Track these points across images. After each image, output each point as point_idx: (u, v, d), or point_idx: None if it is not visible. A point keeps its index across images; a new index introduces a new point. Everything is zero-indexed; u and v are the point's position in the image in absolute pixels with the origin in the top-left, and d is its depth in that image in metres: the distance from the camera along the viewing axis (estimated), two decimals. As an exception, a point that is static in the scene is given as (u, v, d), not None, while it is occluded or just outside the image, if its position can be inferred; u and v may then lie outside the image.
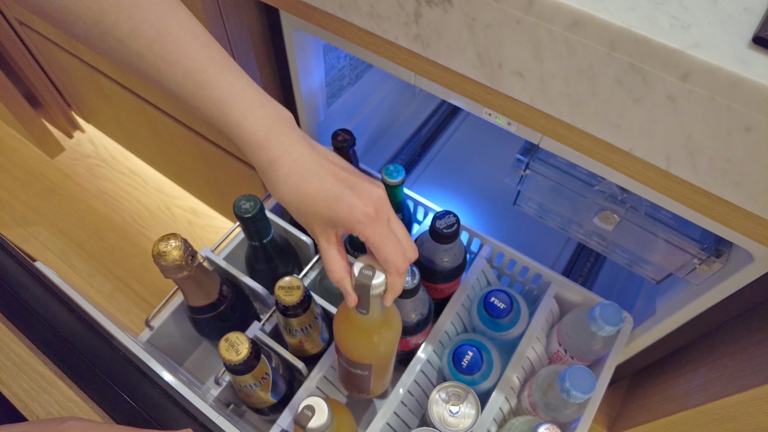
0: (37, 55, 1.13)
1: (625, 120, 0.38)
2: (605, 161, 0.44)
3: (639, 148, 0.39)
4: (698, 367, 0.61)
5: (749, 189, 0.36)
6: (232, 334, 0.51)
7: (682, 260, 0.50)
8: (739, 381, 0.52)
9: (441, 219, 0.59)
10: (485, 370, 0.62)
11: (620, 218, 0.51)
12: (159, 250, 0.52)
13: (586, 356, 0.63)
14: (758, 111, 0.32)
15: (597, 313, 0.58)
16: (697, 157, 0.37)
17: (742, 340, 0.55)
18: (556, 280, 0.67)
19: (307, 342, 0.61)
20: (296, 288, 0.53)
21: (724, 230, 0.44)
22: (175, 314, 0.67)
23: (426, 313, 0.60)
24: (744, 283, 0.49)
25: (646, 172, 0.42)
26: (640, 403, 0.72)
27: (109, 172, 1.52)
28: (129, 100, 0.95)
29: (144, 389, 0.42)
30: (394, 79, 0.90)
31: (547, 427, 0.54)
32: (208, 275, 0.59)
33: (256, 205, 0.56)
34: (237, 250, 0.71)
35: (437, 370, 0.67)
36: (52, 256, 1.37)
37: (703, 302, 0.54)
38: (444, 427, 0.57)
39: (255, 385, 0.55)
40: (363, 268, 0.41)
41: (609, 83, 0.36)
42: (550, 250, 0.86)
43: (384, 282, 0.40)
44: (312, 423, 0.47)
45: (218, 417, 0.43)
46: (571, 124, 0.42)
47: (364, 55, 0.57)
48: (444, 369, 0.64)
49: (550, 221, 0.61)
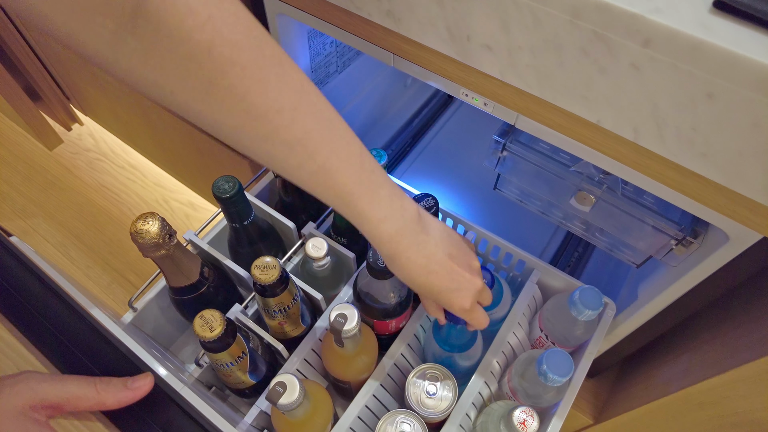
0: (36, 48, 1.15)
1: (592, 91, 0.38)
2: (577, 137, 0.44)
3: (607, 120, 0.39)
4: (681, 353, 0.61)
5: (715, 160, 0.36)
6: (206, 312, 0.51)
7: (660, 241, 0.50)
8: (718, 365, 0.51)
9: (420, 201, 0.59)
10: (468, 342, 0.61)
11: (597, 199, 0.51)
12: (137, 228, 0.52)
13: (568, 342, 0.63)
14: (719, 76, 0.32)
15: (577, 297, 0.57)
16: (663, 128, 0.36)
17: (723, 324, 0.55)
18: (539, 267, 0.67)
19: (287, 324, 0.61)
20: (272, 267, 0.53)
21: (699, 208, 0.43)
22: (159, 297, 0.67)
23: (405, 295, 0.60)
24: (720, 264, 0.48)
25: (617, 147, 0.42)
26: (626, 392, 0.71)
27: (108, 166, 1.54)
28: (124, 90, 0.95)
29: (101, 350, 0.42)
30: (383, 69, 0.91)
31: (523, 410, 0.54)
32: (188, 256, 0.59)
33: (235, 186, 0.57)
34: (222, 235, 0.71)
35: (419, 354, 0.66)
36: (51, 248, 1.38)
37: (683, 285, 0.53)
38: (421, 409, 0.57)
39: (232, 363, 0.55)
40: (338, 315, 0.50)
41: (574, 53, 0.36)
42: (539, 240, 0.85)
43: (353, 329, 0.50)
44: (283, 399, 0.47)
45: (183, 387, 0.43)
46: (542, 99, 0.42)
47: (344, 38, 0.57)
48: (428, 343, 0.63)
49: (531, 205, 0.61)
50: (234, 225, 0.62)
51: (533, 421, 0.53)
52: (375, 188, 0.42)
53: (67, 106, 1.44)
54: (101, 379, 0.36)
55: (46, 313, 0.42)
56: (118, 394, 0.35)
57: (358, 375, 0.59)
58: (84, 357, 0.42)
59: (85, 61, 0.94)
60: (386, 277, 0.55)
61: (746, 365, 0.47)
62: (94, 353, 0.41)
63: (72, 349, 0.40)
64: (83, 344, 0.42)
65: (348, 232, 0.69)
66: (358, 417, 0.59)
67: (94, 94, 1.12)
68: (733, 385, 0.49)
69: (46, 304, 0.43)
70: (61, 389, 0.34)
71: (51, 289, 0.44)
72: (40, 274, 0.45)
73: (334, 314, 0.51)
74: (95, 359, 0.41)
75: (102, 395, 0.35)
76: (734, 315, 0.54)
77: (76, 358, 0.40)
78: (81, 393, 0.35)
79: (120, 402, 0.36)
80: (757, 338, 0.47)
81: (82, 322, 0.43)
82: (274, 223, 0.70)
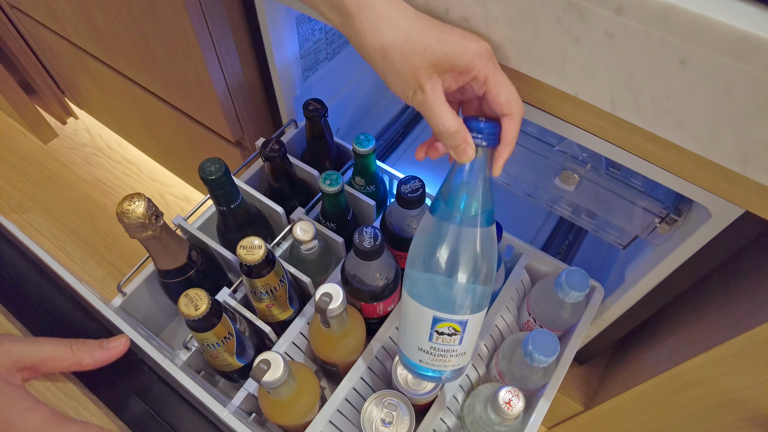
0: (30, 41, 1.15)
1: (568, 62, 0.38)
2: (559, 113, 0.44)
3: (584, 91, 0.39)
4: (668, 336, 0.61)
5: (691, 128, 0.36)
6: (191, 290, 0.52)
7: (643, 220, 0.50)
8: (702, 344, 0.51)
9: (406, 184, 0.59)
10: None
11: (581, 178, 0.51)
12: (122, 208, 0.52)
13: (556, 326, 0.63)
14: (691, 41, 0.32)
15: (563, 279, 0.57)
16: (639, 97, 0.36)
17: (707, 305, 0.55)
18: (527, 251, 0.67)
19: (275, 306, 0.61)
20: (257, 247, 0.54)
21: (680, 183, 0.44)
22: (148, 281, 0.67)
23: (392, 277, 0.60)
24: (704, 242, 0.48)
25: (597, 121, 0.42)
26: (615, 377, 0.71)
27: (104, 160, 1.54)
28: (116, 80, 0.96)
29: (84, 325, 0.42)
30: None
31: (509, 390, 0.54)
32: (175, 238, 0.59)
33: (221, 168, 0.57)
34: (211, 221, 0.71)
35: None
36: (47, 243, 1.38)
37: (668, 265, 0.53)
38: (407, 389, 0.57)
39: (218, 344, 0.55)
40: (323, 294, 0.49)
41: (549, 23, 0.37)
42: (529, 229, 0.85)
43: (338, 308, 0.49)
44: (267, 377, 0.47)
45: (164, 360, 0.43)
46: (521, 73, 0.42)
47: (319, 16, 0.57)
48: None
49: (517, 188, 0.61)
50: (221, 208, 0.62)
51: (518, 401, 0.53)
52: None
53: (62, 100, 1.45)
54: (76, 339, 0.36)
55: (30, 290, 0.42)
56: (94, 354, 0.35)
57: (346, 357, 0.59)
58: (64, 329, 0.42)
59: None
60: (373, 258, 0.55)
61: (728, 342, 0.47)
62: (76, 327, 0.41)
63: (54, 323, 0.40)
64: (67, 320, 0.43)
65: (337, 218, 0.69)
66: (346, 399, 0.59)
67: (88, 86, 1.13)
68: (717, 363, 0.50)
69: (28, 278, 0.43)
70: (36, 350, 0.34)
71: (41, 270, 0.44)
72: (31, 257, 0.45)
73: (319, 293, 0.51)
74: (77, 333, 0.41)
75: (78, 355, 0.35)
76: (717, 295, 0.54)
77: (57, 332, 0.41)
78: (56, 353, 0.35)
79: (96, 361, 0.36)
80: (740, 315, 0.48)
81: (65, 298, 0.43)
82: (263, 208, 0.70)
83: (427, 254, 0.42)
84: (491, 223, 0.42)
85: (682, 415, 0.60)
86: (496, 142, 0.39)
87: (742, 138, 0.34)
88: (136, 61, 0.82)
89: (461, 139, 0.37)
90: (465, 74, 0.35)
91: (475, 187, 0.40)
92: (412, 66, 0.35)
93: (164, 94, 0.86)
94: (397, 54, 0.34)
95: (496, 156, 0.38)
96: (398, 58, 0.35)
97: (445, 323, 0.44)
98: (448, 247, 0.41)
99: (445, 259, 0.41)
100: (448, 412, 0.59)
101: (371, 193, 0.72)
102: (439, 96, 0.36)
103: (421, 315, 0.44)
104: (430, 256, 0.42)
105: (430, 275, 0.43)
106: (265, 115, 0.84)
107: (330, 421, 0.57)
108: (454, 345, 0.45)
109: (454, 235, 0.41)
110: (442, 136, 0.37)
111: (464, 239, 0.41)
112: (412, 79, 0.35)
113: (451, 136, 0.37)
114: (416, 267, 0.44)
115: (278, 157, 0.63)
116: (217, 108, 0.77)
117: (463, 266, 0.41)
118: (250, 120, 0.82)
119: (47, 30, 1.00)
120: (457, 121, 0.36)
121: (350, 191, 0.70)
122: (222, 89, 0.74)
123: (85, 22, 0.84)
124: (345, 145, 0.75)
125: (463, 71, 0.35)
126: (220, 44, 0.70)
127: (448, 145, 0.38)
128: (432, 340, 0.45)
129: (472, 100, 0.42)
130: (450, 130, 0.36)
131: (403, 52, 0.34)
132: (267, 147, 0.63)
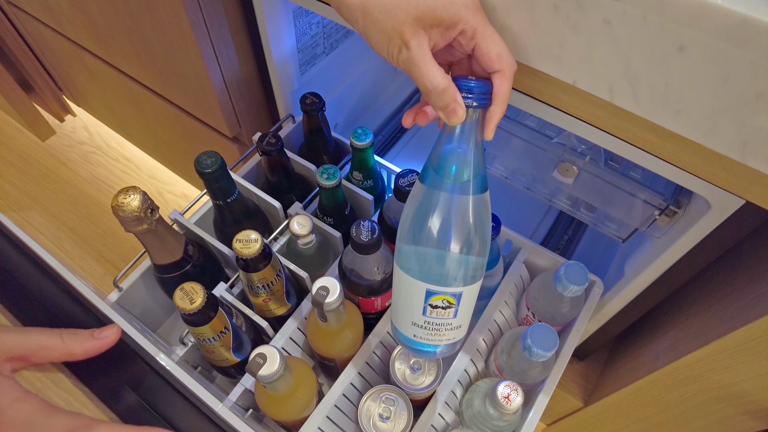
0: (28, 38, 1.15)
1: (565, 50, 0.37)
2: (555, 102, 0.43)
3: (582, 80, 0.39)
4: (668, 330, 0.60)
5: (690, 117, 0.36)
6: (187, 284, 0.51)
7: (643, 212, 0.50)
8: (702, 337, 0.51)
9: (404, 177, 0.58)
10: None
11: (580, 170, 0.51)
12: (117, 202, 0.52)
13: (555, 320, 0.62)
14: (690, 26, 0.31)
15: (562, 272, 0.57)
16: (637, 85, 0.36)
17: (708, 298, 0.54)
18: (526, 246, 0.66)
19: (272, 301, 0.60)
20: (254, 241, 0.53)
21: (680, 174, 0.43)
22: (145, 276, 0.67)
23: (390, 272, 0.59)
24: (704, 234, 0.48)
25: (595, 111, 0.42)
26: (615, 373, 0.71)
27: (103, 158, 1.54)
28: (113, 76, 0.96)
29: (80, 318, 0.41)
30: (372, 53, 0.90)
31: (507, 384, 0.53)
32: (171, 232, 0.59)
33: (217, 161, 0.56)
34: (208, 216, 0.71)
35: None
36: (45, 240, 1.38)
37: (668, 258, 0.53)
38: (405, 385, 0.56)
39: (214, 339, 0.55)
40: (319, 288, 0.49)
41: (547, 11, 0.36)
42: (528, 225, 0.85)
43: (335, 302, 0.48)
44: (263, 370, 0.47)
45: (158, 352, 0.42)
46: (518, 63, 0.41)
47: (328, 13, 0.57)
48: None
49: (516, 182, 0.61)
50: (218, 203, 0.62)
51: (517, 396, 0.53)
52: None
53: (59, 97, 1.45)
54: (67, 330, 0.35)
55: (24, 283, 0.41)
56: (85, 343, 0.35)
57: (343, 352, 0.59)
58: (58, 322, 0.41)
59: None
60: (370, 252, 0.55)
61: (729, 335, 0.47)
62: (70, 320, 0.41)
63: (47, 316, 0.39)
64: (61, 313, 0.42)
65: (335, 213, 0.68)
66: (343, 395, 0.58)
67: (85, 83, 1.12)
68: (717, 357, 0.49)
69: (21, 269, 0.42)
70: (26, 339, 0.34)
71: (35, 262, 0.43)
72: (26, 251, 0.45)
73: (315, 287, 0.51)
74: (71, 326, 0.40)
75: (68, 344, 0.34)
76: (718, 287, 0.53)
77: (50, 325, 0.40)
78: (47, 343, 0.34)
79: (87, 351, 0.35)
80: (740, 307, 0.47)
81: (60, 291, 0.43)
82: (260, 203, 0.69)
83: (418, 225, 0.40)
84: (484, 189, 0.40)
85: (682, 409, 0.60)
86: (487, 102, 0.36)
87: (741, 125, 0.33)
88: (133, 56, 0.82)
89: (450, 98, 0.35)
90: (452, 28, 0.34)
91: (466, 152, 0.38)
92: (395, 21, 0.33)
93: (161, 90, 0.86)
94: (379, 8, 0.33)
95: (487, 117, 0.36)
96: (380, 13, 0.33)
97: (438, 296, 0.41)
98: (439, 217, 0.39)
99: (436, 229, 0.39)
100: (446, 407, 0.59)
101: (369, 188, 0.72)
102: (425, 52, 0.34)
103: (413, 289, 0.42)
104: (421, 227, 0.40)
105: (421, 248, 0.41)
106: (263, 111, 0.84)
107: (327, 417, 0.57)
108: (448, 318, 0.43)
109: (445, 203, 0.39)
110: (429, 95, 0.35)
111: (456, 208, 0.39)
112: (396, 35, 0.33)
113: (439, 94, 0.34)
114: (407, 239, 0.42)
115: (275, 151, 0.63)
116: (214, 103, 0.76)
117: (456, 236, 0.39)
118: (247, 115, 0.81)
119: (44, 26, 0.99)
120: (446, 78, 0.34)
121: (348, 186, 0.70)
122: (219, 84, 0.74)
123: (81, 16, 0.83)
124: (343, 140, 0.75)
125: (450, 25, 0.33)
126: (216, 38, 0.69)
127: (436, 106, 0.35)
128: (426, 314, 0.43)
129: (461, 61, 0.40)
130: (438, 88, 0.34)
131: (385, 7, 0.32)
132: (264, 141, 0.63)
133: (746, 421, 0.55)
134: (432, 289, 0.41)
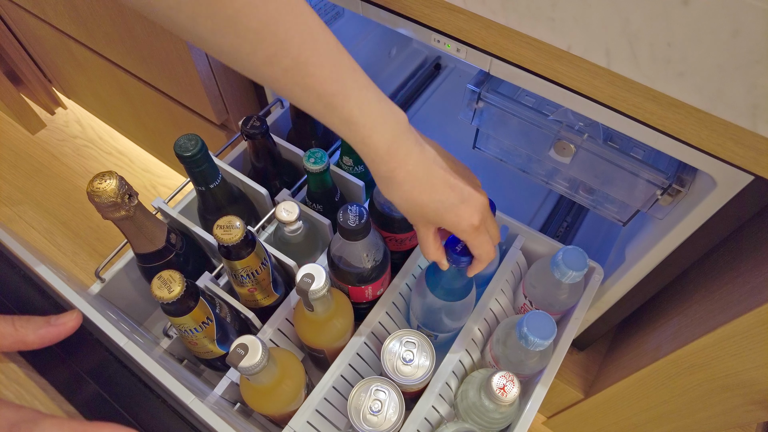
0: (14, 28, 1.13)
1: (558, 11, 0.35)
2: (552, 73, 0.41)
3: (577, 44, 0.36)
4: (671, 317, 0.58)
5: (694, 79, 0.33)
6: (165, 272, 0.49)
7: (644, 192, 0.47)
8: (707, 323, 0.48)
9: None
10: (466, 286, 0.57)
11: (577, 148, 0.48)
12: (93, 187, 0.50)
13: (553, 308, 0.60)
14: (693, -21, 0.29)
15: (560, 258, 0.54)
16: (636, 46, 0.33)
17: (712, 283, 0.52)
18: (523, 232, 0.64)
19: (258, 291, 0.58)
20: (235, 227, 0.51)
21: (683, 149, 0.41)
22: (128, 268, 0.64)
23: (380, 259, 0.57)
24: (709, 214, 0.45)
25: (591, 80, 0.39)
26: (616, 363, 0.68)
27: (96, 152, 1.52)
28: (99, 64, 0.93)
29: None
30: (365, 36, 0.88)
31: (503, 375, 0.51)
32: (152, 220, 0.57)
33: (197, 144, 0.54)
34: (193, 205, 0.68)
35: (400, 324, 0.64)
36: (37, 235, 1.36)
37: (671, 241, 0.50)
38: (397, 376, 0.54)
39: (196, 330, 0.52)
40: (304, 276, 0.48)
41: (538, -31, 0.33)
42: (526, 212, 0.82)
43: (320, 289, 0.47)
44: (244, 362, 0.45)
45: (127, 342, 0.40)
46: (509, 29, 0.39)
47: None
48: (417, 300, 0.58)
49: (511, 163, 0.58)
50: (200, 189, 0.59)
51: (513, 387, 0.50)
52: (360, 88, 0.38)
53: (48, 89, 1.42)
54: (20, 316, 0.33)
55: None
56: (40, 330, 0.33)
57: (332, 342, 0.56)
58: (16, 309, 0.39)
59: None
60: (358, 238, 0.52)
61: (735, 320, 0.44)
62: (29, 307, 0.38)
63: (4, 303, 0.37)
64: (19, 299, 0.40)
65: (324, 199, 0.66)
66: (333, 387, 0.56)
67: (73, 73, 1.10)
68: (723, 344, 0.46)
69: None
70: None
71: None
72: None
73: (300, 274, 0.48)
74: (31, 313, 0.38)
75: (21, 332, 0.32)
76: (722, 272, 0.51)
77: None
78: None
79: (42, 339, 0.33)
80: (746, 291, 0.44)
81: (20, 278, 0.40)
82: (246, 190, 0.67)
83: (423, 313, 0.57)
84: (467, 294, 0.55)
85: (686, 399, 0.57)
86: (468, 263, 0.48)
87: (752, 86, 0.30)
88: (117, 41, 0.80)
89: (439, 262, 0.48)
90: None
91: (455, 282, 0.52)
92: (414, 220, 0.45)
93: (146, 76, 0.83)
94: (403, 211, 0.44)
95: (469, 268, 0.49)
96: (404, 213, 0.45)
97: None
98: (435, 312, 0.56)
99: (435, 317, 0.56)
100: (440, 400, 0.56)
101: (360, 173, 0.69)
102: (427, 236, 0.46)
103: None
104: (425, 315, 0.57)
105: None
106: (251, 96, 0.81)
107: (317, 410, 0.54)
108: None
109: (438, 305, 0.55)
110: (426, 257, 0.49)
111: (446, 309, 0.55)
112: (413, 223, 0.46)
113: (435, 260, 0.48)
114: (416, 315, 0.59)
115: (259, 134, 0.60)
116: (200, 88, 0.74)
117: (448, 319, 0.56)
118: (234, 101, 0.79)
119: (28, 14, 0.97)
120: (437, 253, 0.47)
121: (337, 171, 0.67)
122: (204, 67, 0.71)
123: (63, 1, 0.81)
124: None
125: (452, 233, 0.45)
126: (199, 19, 0.67)
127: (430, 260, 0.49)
128: None
129: None
130: (430, 258, 0.48)
131: (407, 210, 0.44)
132: (248, 124, 0.60)
133: (754, 411, 0.52)
134: None
